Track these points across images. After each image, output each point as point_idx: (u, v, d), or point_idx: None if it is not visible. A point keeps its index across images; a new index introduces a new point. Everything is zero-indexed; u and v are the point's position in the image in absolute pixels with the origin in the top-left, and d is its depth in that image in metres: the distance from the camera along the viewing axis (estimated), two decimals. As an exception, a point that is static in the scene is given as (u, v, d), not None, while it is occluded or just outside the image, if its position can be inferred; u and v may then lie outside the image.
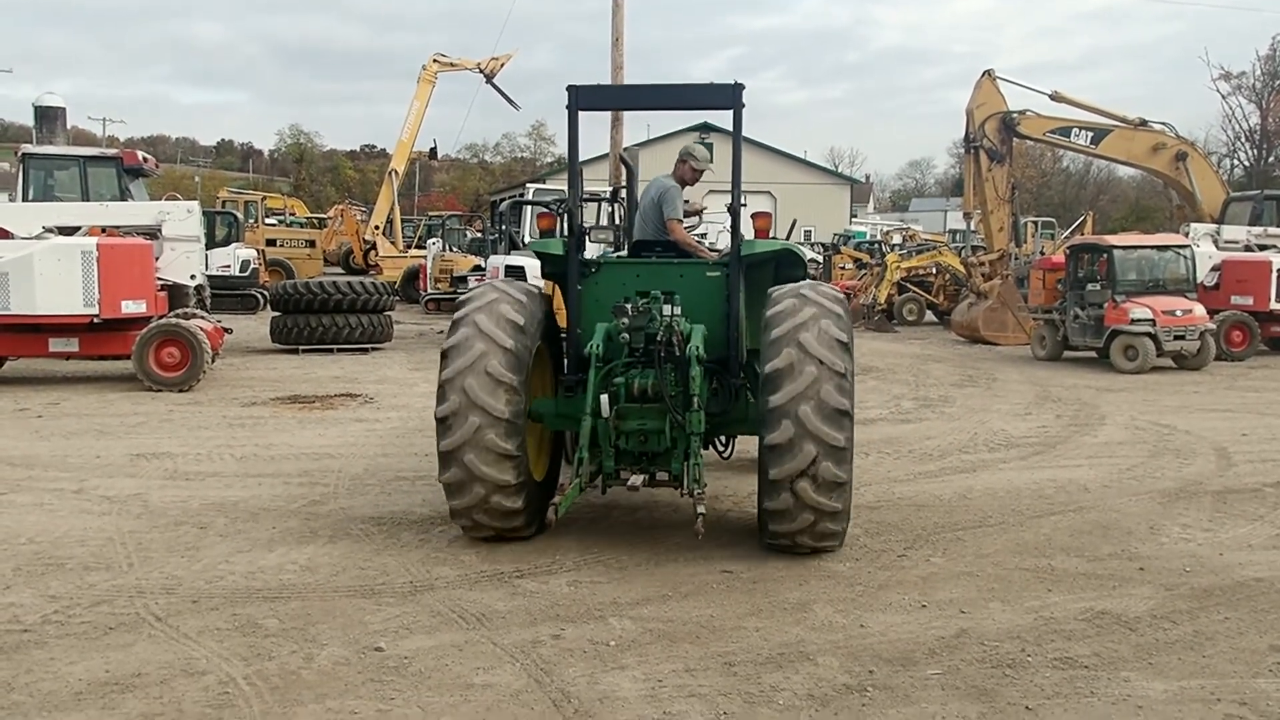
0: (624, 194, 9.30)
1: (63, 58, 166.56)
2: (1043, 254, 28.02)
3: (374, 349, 18.17)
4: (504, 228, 19.75)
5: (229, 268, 24.31)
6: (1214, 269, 19.75)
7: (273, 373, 15.31)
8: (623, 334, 6.62)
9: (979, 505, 8.09)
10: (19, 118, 69.94)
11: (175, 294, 14.51)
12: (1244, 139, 56.88)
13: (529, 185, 27.46)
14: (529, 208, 20.51)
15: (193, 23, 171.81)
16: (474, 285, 8.02)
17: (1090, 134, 21.85)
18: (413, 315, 25.70)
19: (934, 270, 27.55)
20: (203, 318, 14.13)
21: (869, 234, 42.75)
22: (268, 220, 38.29)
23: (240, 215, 28.56)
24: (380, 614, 5.53)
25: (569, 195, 7.51)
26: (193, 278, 14.75)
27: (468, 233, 30.88)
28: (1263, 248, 20.50)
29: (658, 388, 6.42)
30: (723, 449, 7.84)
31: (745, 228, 7.14)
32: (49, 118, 20.03)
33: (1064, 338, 18.42)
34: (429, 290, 26.07)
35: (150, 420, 11.30)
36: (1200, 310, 17.37)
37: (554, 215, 8.44)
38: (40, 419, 11.28)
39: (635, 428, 6.48)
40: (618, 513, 7.65)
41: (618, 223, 12.86)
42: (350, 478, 8.73)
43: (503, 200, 23.34)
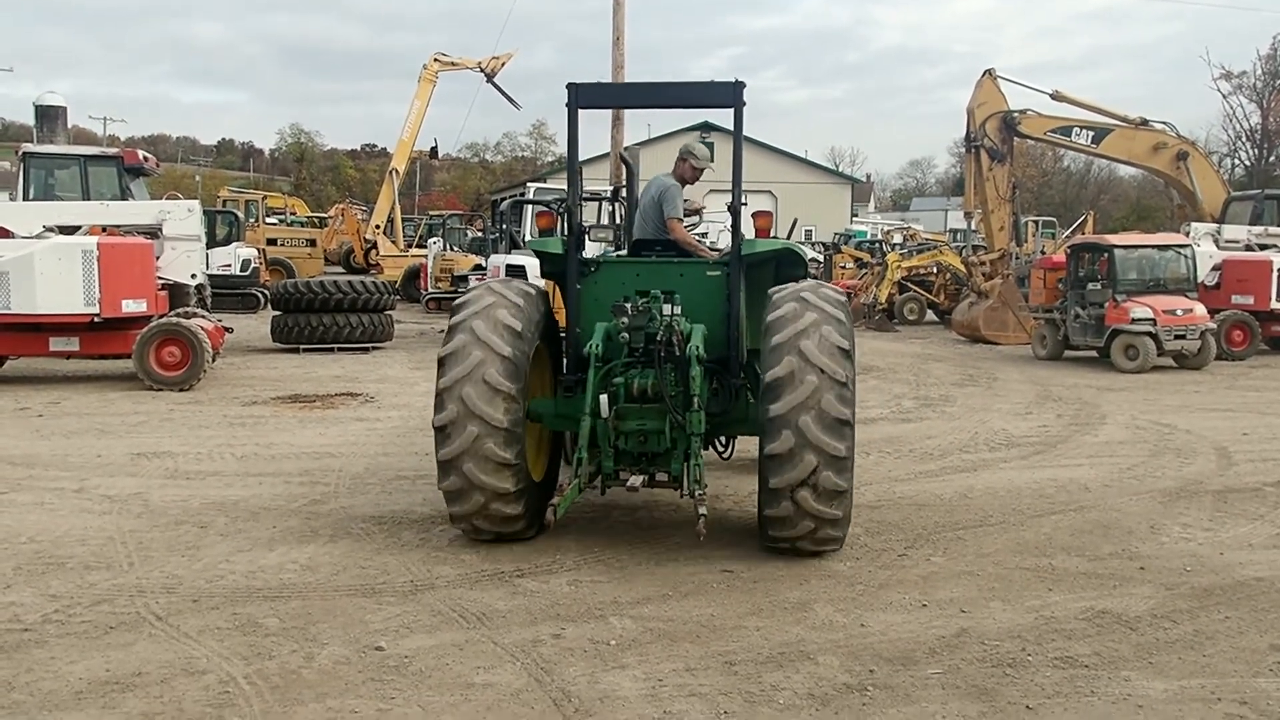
0: (624, 193, 9.26)
1: (63, 57, 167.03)
2: (1043, 253, 27.99)
3: (375, 348, 18.17)
4: (505, 227, 19.75)
5: (230, 267, 24.31)
6: (1215, 268, 19.75)
7: (273, 372, 15.31)
8: (622, 333, 6.57)
9: (980, 504, 8.09)
10: (20, 117, 70.19)
11: (176, 293, 14.51)
12: (1245, 138, 56.99)
13: (530, 184, 27.44)
14: (530, 207, 20.49)
15: (193, 22, 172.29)
16: (473, 285, 7.96)
17: (1091, 133, 21.85)
18: (413, 314, 25.69)
19: (935, 269, 27.56)
20: (203, 317, 14.12)
21: (870, 233, 42.71)
22: (268, 219, 38.26)
23: (241, 214, 28.55)
24: (381, 613, 5.54)
25: (568, 194, 7.45)
26: (193, 277, 14.74)
27: (468, 232, 30.88)
28: (1263, 247, 20.50)
29: (657, 388, 6.37)
30: (723, 449, 7.79)
31: (746, 227, 7.11)
32: (50, 117, 20.00)
33: (1065, 337, 18.41)
34: (430, 289, 26.06)
35: (151, 419, 11.30)
36: (1201, 310, 17.36)
37: (553, 214, 8.36)
38: (41, 418, 11.29)
39: (635, 428, 6.43)
40: (618, 512, 7.65)
41: (618, 222, 12.87)
42: (351, 477, 8.73)
43: (503, 199, 23.33)
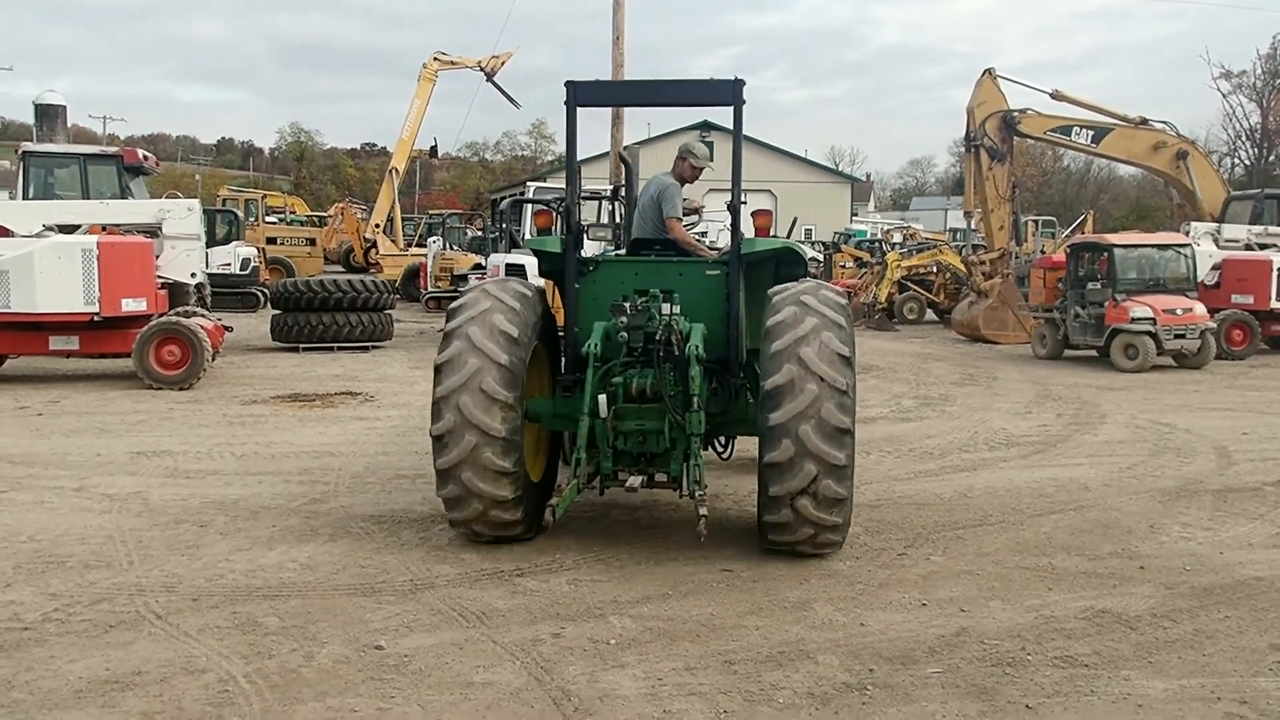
0: (623, 192, 9.24)
1: (63, 55, 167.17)
2: (1043, 253, 28.01)
3: (374, 347, 18.16)
4: (504, 226, 19.71)
5: (229, 266, 24.33)
6: (1214, 268, 19.75)
7: (273, 371, 15.31)
8: (621, 333, 6.54)
9: (979, 504, 8.09)
10: (19, 115, 70.11)
11: (175, 292, 14.51)
12: (1244, 138, 57.04)
13: (529, 183, 27.44)
14: (529, 206, 20.49)
15: (193, 21, 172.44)
16: (469, 287, 7.93)
17: (1091, 133, 21.84)
18: (413, 313, 25.69)
19: (935, 269, 27.54)
20: (203, 316, 14.13)
21: (869, 232, 42.72)
22: (268, 218, 38.29)
23: (241, 213, 28.57)
24: (380, 612, 5.53)
25: (567, 192, 7.42)
26: (193, 276, 14.73)
27: (468, 231, 30.85)
28: (1263, 246, 20.50)
29: (656, 388, 6.34)
30: (722, 449, 7.78)
31: (745, 226, 7.08)
32: (49, 115, 19.96)
33: (1064, 336, 18.41)
34: (429, 288, 26.04)
35: (150, 418, 11.30)
36: (1201, 309, 17.36)
37: (551, 213, 8.34)
38: (40, 417, 11.28)
39: (634, 428, 6.40)
40: (618, 512, 7.64)
41: (617, 221, 12.86)
42: (350, 476, 8.73)
43: (503, 198, 23.26)
